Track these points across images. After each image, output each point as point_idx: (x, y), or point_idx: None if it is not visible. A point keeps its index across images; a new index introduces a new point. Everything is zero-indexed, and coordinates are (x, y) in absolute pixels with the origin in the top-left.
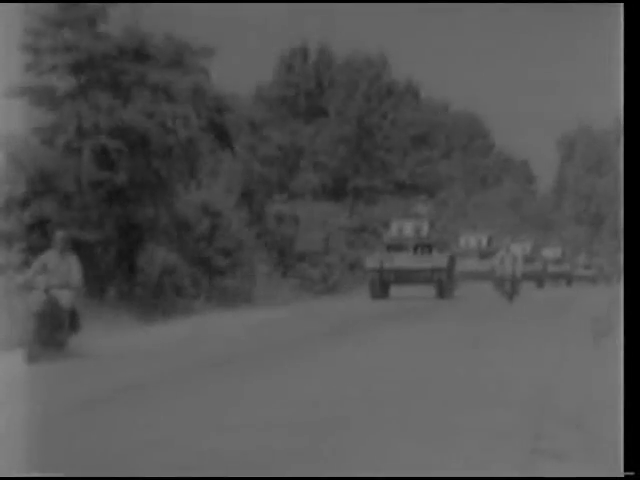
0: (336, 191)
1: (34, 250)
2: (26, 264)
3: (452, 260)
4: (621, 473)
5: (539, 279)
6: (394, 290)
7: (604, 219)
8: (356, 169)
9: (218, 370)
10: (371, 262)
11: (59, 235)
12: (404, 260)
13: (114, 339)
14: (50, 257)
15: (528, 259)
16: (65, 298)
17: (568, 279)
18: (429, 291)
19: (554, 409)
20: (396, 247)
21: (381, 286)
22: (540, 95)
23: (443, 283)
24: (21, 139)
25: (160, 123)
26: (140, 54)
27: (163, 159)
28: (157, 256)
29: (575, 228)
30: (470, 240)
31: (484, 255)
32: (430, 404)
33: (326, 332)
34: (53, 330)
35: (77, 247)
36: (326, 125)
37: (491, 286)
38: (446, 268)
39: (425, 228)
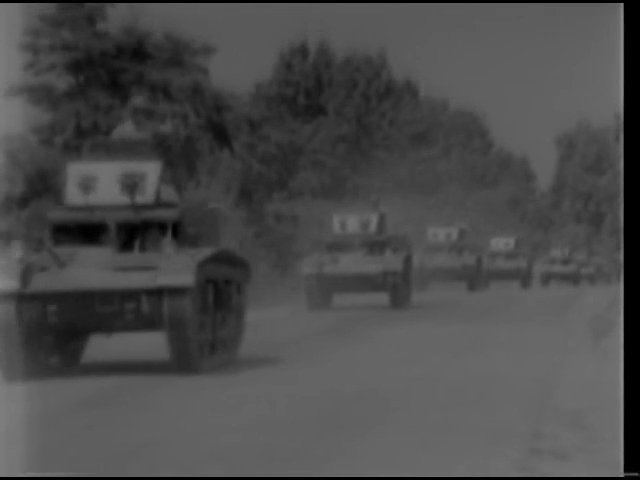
0: (335, 190)
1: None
2: None
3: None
4: (621, 473)
5: (470, 278)
6: None
7: (603, 217)
8: (355, 168)
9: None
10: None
11: None
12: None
13: (113, 339)
14: None
15: (454, 249)
16: None
17: (523, 278)
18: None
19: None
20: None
21: None
22: (540, 94)
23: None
24: (20, 138)
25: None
26: (139, 53)
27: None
28: None
29: (574, 226)
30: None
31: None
32: None
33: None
34: None
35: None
36: (325, 124)
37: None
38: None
39: None
